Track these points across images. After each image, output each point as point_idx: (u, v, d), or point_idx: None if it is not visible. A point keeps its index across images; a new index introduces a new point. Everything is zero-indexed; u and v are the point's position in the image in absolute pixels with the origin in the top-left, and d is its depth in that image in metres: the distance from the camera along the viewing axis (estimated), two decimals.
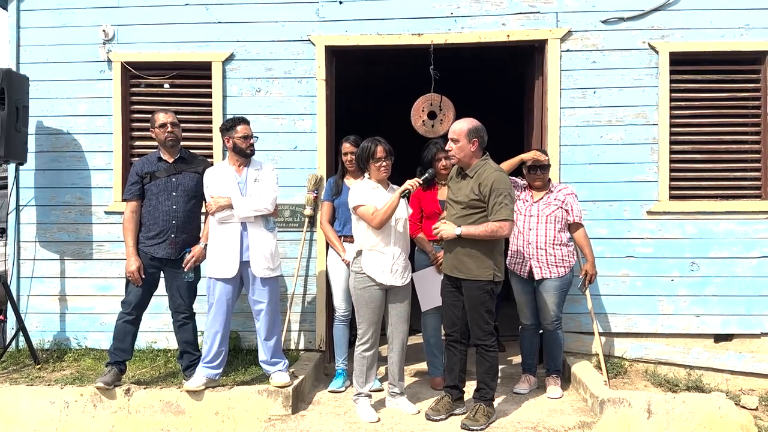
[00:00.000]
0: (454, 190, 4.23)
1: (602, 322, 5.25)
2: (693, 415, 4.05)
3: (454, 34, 5.34)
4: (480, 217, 4.07)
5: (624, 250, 5.27)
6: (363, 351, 4.27)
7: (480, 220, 4.06)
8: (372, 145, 4.24)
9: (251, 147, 4.43)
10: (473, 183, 4.11)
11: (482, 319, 4.12)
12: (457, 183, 4.24)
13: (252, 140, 4.43)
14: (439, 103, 5.33)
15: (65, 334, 5.52)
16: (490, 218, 4.03)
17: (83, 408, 4.37)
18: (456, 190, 4.21)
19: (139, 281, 4.44)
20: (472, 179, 4.13)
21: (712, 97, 5.30)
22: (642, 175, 5.25)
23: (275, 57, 5.44)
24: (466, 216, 4.09)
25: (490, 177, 4.06)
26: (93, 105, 5.52)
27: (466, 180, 4.17)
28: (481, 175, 4.10)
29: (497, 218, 4.00)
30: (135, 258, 4.43)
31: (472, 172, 4.15)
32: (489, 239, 4.05)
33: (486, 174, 4.08)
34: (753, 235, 5.21)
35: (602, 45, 5.27)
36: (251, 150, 4.43)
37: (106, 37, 5.47)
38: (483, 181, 4.06)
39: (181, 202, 4.49)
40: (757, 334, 5.22)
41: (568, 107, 5.28)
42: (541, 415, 4.31)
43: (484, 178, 4.07)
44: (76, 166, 5.52)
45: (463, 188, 4.17)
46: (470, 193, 4.09)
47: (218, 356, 4.39)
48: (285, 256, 5.33)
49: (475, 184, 4.09)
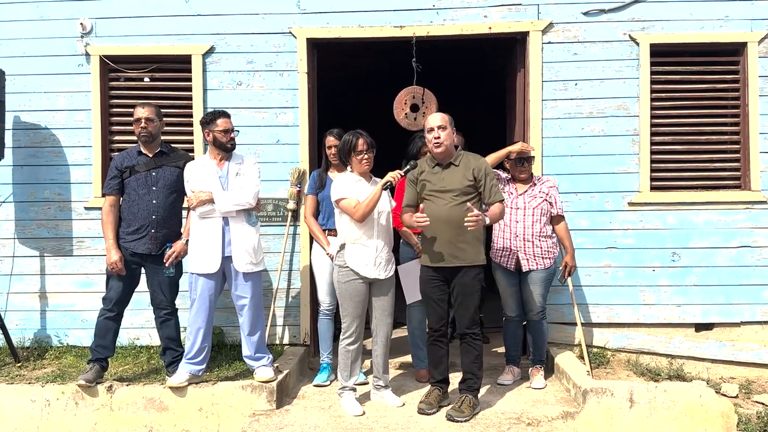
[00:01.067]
0: (435, 181, 4.21)
1: (584, 312, 5.29)
2: (675, 403, 4.09)
3: (436, 27, 5.33)
4: (473, 203, 4.14)
5: (606, 241, 5.31)
6: (347, 345, 4.27)
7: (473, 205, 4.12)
8: (353, 138, 4.22)
9: (232, 141, 4.39)
10: (463, 171, 4.17)
11: (474, 307, 4.19)
12: (437, 174, 4.23)
13: (232, 134, 4.39)
14: (421, 95, 5.32)
15: (46, 332, 5.46)
16: (489, 200, 4.17)
17: (65, 406, 4.33)
18: (438, 181, 4.21)
19: (123, 271, 4.39)
20: (459, 167, 4.19)
21: (692, 89, 5.34)
22: (623, 166, 5.29)
23: (256, 50, 5.39)
24: (461, 204, 4.12)
25: (480, 162, 4.23)
26: (71, 99, 5.44)
27: (450, 169, 4.20)
28: (469, 162, 4.21)
29: (497, 199, 4.19)
30: (115, 249, 4.38)
31: (457, 160, 4.22)
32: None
33: (474, 160, 4.24)
34: (732, 225, 5.26)
35: (583, 37, 5.29)
36: (231, 144, 4.40)
37: (83, 31, 5.39)
38: (476, 166, 4.18)
39: (162, 197, 4.44)
40: (736, 323, 5.29)
41: (550, 99, 5.30)
42: (524, 406, 4.34)
43: (475, 164, 4.19)
44: (54, 161, 5.45)
45: (448, 177, 4.19)
46: (463, 179, 4.15)
47: (201, 352, 4.37)
48: (268, 250, 5.30)
49: (466, 171, 4.16)
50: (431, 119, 4.24)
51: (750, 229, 5.25)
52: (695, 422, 4.06)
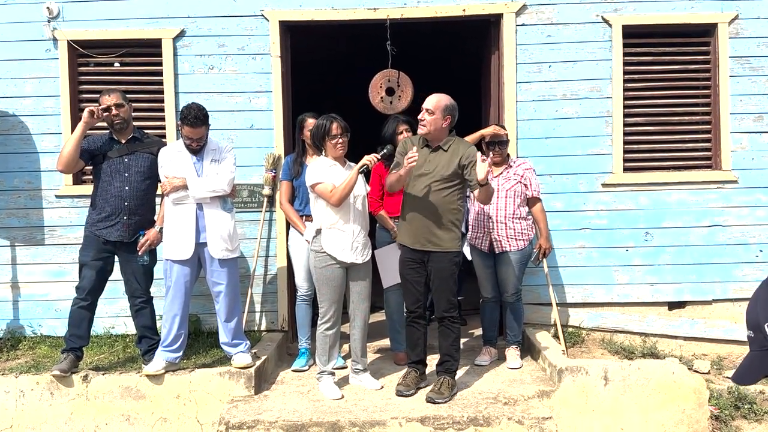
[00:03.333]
0: (420, 161, 4.13)
1: (560, 293, 5.35)
2: (648, 381, 4.17)
3: (411, 9, 5.29)
4: (455, 190, 4.14)
5: (580, 222, 5.36)
6: (325, 330, 4.27)
7: (455, 192, 4.14)
8: (327, 122, 4.19)
9: (195, 144, 4.29)
10: (449, 157, 4.14)
11: (450, 291, 4.20)
12: (423, 155, 4.18)
13: (194, 144, 4.27)
14: (396, 79, 5.29)
15: (19, 322, 5.38)
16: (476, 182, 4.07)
17: (39, 396, 4.28)
18: (422, 162, 4.16)
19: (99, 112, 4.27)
20: (446, 153, 4.16)
21: (664, 70, 5.39)
22: (597, 148, 5.33)
23: (228, 33, 5.31)
24: (440, 190, 4.11)
25: (470, 150, 4.15)
26: (39, 85, 5.32)
27: (438, 153, 4.18)
28: (458, 149, 4.16)
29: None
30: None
31: (446, 146, 4.18)
32: (459, 211, 4.18)
33: (464, 147, 4.17)
34: (704, 204, 5.34)
35: (557, 19, 5.30)
36: (191, 148, 4.30)
37: (50, 15, 5.26)
38: (464, 154, 4.12)
39: (134, 184, 4.38)
40: (708, 300, 5.39)
41: (524, 82, 5.31)
42: (501, 386, 4.39)
43: (464, 153, 4.13)
44: (23, 149, 5.34)
45: (434, 161, 4.16)
46: (448, 166, 4.12)
47: (177, 339, 4.34)
48: (244, 236, 5.26)
49: (454, 158, 4.13)
50: (426, 100, 4.19)
51: (721, 209, 5.34)
52: (668, 398, 4.15)
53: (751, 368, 1.35)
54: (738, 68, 5.31)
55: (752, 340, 1.33)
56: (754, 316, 1.33)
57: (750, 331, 1.34)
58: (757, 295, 1.35)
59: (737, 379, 1.40)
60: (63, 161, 4.29)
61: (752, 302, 1.35)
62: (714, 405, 4.32)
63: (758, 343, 1.32)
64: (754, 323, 1.33)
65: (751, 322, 1.34)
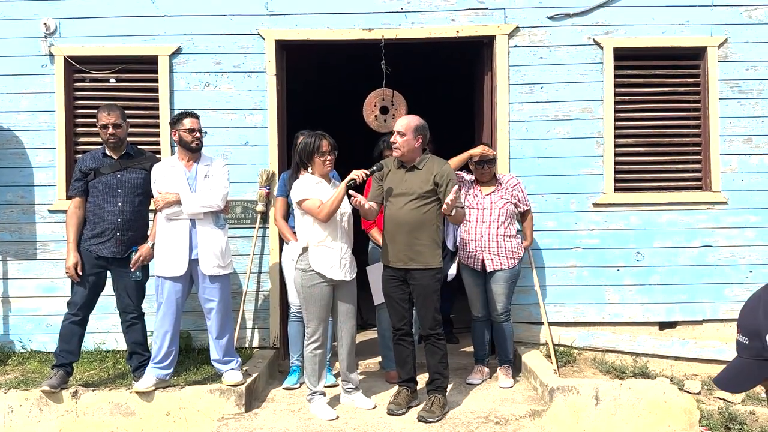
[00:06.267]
0: (396, 182, 4.25)
1: (551, 312, 5.36)
2: (639, 400, 4.18)
3: (405, 30, 5.36)
4: (431, 207, 4.18)
5: (571, 241, 5.39)
6: (314, 349, 4.25)
7: (432, 209, 4.19)
8: (316, 139, 4.21)
9: (197, 141, 4.35)
10: (425, 174, 4.20)
11: (434, 308, 4.21)
12: (398, 175, 4.27)
13: (197, 134, 4.34)
14: (391, 98, 5.35)
15: (9, 337, 5.34)
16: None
17: (28, 412, 4.25)
18: (398, 182, 4.24)
19: (76, 278, 4.32)
20: (421, 171, 4.22)
21: (654, 92, 5.45)
22: (588, 168, 5.38)
23: (224, 51, 5.36)
24: (419, 207, 4.16)
25: (444, 168, 4.23)
26: (35, 100, 5.34)
27: (414, 172, 4.24)
28: (432, 167, 4.22)
29: (459, 206, 4.15)
30: (74, 253, 4.32)
31: (420, 164, 4.24)
32: (438, 227, 4.24)
33: (438, 166, 4.24)
34: (694, 225, 5.39)
35: (549, 41, 5.37)
36: (197, 144, 4.35)
37: (47, 31, 5.30)
38: (438, 172, 4.18)
39: (128, 200, 4.39)
40: (699, 320, 5.41)
41: (517, 102, 5.37)
42: (493, 405, 4.38)
43: (438, 170, 4.20)
44: (17, 163, 5.34)
45: (410, 180, 4.22)
46: (423, 184, 4.17)
47: (168, 356, 4.32)
48: (237, 253, 5.27)
49: (428, 176, 4.18)
50: (396, 123, 4.29)
51: (711, 229, 5.38)
52: (659, 419, 4.15)
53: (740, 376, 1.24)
54: (727, 91, 5.38)
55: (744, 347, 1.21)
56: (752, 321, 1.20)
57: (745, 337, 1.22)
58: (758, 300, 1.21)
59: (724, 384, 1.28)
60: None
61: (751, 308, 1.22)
62: (705, 426, 4.31)
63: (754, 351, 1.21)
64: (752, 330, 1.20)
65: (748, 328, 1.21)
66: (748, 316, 1.23)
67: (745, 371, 1.23)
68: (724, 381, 1.29)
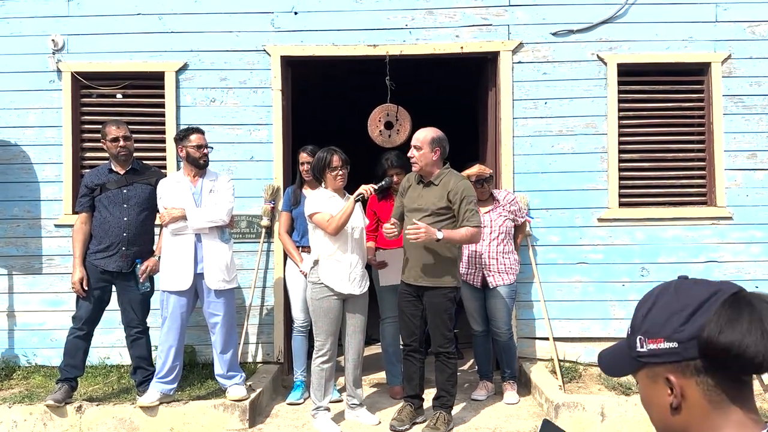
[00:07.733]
0: (413, 197, 4.21)
1: (556, 327, 5.33)
2: (645, 417, 4.14)
3: (409, 46, 5.40)
4: (445, 225, 4.08)
5: (576, 256, 5.38)
6: (321, 363, 4.25)
7: (448, 226, 4.07)
8: (328, 154, 4.24)
9: (205, 157, 4.39)
10: (440, 191, 4.14)
11: (445, 326, 4.17)
12: (417, 191, 4.25)
13: (205, 150, 4.39)
14: (395, 113, 5.37)
15: (14, 351, 5.35)
16: (462, 225, 4.05)
17: (32, 427, 4.25)
18: (415, 198, 4.21)
19: (81, 293, 4.33)
20: (437, 187, 4.16)
21: (658, 107, 5.46)
22: (592, 183, 5.38)
23: (230, 67, 5.41)
24: (436, 223, 4.06)
25: (459, 185, 4.11)
26: (42, 116, 5.39)
27: (430, 188, 4.19)
28: (448, 183, 4.14)
29: (471, 224, 4.04)
30: (80, 269, 4.33)
31: (437, 180, 4.17)
32: (454, 246, 4.14)
33: (454, 182, 4.14)
34: (699, 240, 5.37)
35: (553, 57, 5.40)
36: (204, 160, 4.39)
37: (55, 47, 5.35)
38: (453, 189, 4.09)
39: (133, 215, 4.41)
40: None
41: (521, 117, 5.38)
42: (498, 421, 4.36)
43: (453, 186, 4.11)
44: (24, 178, 5.38)
45: (426, 196, 4.18)
46: (438, 201, 4.11)
47: (172, 371, 4.32)
48: (242, 267, 5.27)
49: (443, 192, 4.12)
50: (414, 136, 4.27)
51: (716, 244, 5.37)
52: None
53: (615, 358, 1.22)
54: (731, 106, 5.39)
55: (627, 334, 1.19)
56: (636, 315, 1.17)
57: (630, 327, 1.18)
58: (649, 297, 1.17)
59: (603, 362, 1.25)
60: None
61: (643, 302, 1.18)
62: None
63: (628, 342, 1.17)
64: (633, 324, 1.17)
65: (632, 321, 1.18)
66: (637, 309, 1.20)
67: (617, 356, 1.22)
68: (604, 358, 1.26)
